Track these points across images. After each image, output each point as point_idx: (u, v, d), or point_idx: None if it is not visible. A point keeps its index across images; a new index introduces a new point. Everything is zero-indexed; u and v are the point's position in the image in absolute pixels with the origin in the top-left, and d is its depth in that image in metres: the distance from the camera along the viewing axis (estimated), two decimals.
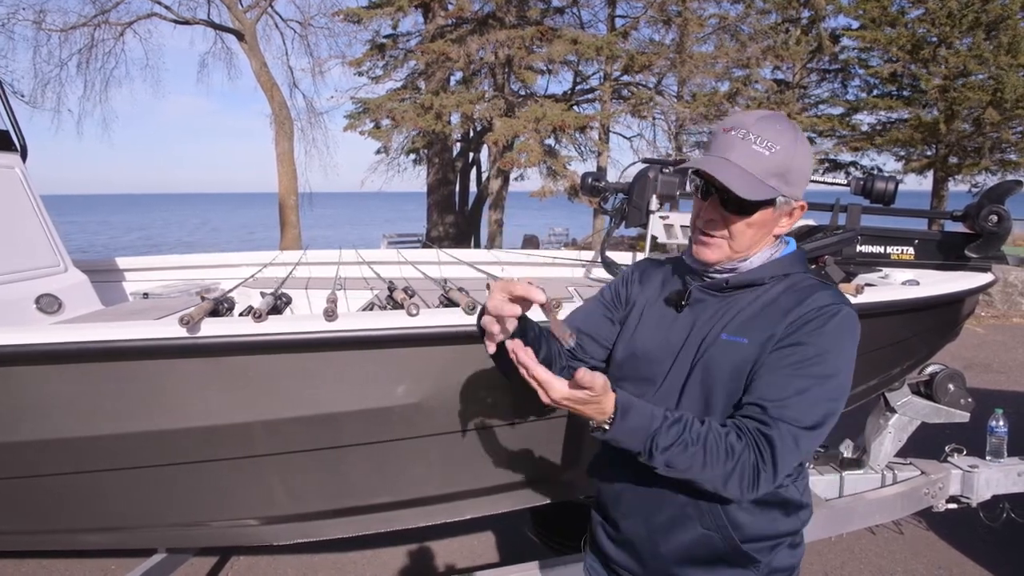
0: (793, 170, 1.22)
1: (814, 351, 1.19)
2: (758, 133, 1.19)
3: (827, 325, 1.20)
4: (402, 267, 3.63)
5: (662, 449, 1.15)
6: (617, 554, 1.42)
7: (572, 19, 16.67)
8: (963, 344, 7.62)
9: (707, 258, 1.30)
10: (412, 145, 17.41)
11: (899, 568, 3.27)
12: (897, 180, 2.69)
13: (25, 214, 2.78)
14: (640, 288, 1.47)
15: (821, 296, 1.24)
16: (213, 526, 2.34)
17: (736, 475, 1.15)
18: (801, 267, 1.32)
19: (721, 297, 1.31)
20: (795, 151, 1.21)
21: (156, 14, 16.79)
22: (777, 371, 1.20)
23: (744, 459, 1.15)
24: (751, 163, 1.20)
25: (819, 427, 1.19)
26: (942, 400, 3.08)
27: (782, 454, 1.16)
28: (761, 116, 1.22)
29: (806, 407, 1.18)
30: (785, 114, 1.26)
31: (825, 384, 1.19)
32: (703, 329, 1.30)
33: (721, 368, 1.25)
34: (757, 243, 1.29)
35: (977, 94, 15.46)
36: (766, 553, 1.31)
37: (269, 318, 1.87)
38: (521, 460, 2.20)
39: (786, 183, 1.22)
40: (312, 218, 22.42)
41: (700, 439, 1.15)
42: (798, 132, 1.23)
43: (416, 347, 1.91)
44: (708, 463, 1.15)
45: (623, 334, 1.44)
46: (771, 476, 1.16)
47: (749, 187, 1.18)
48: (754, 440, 1.16)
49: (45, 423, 1.96)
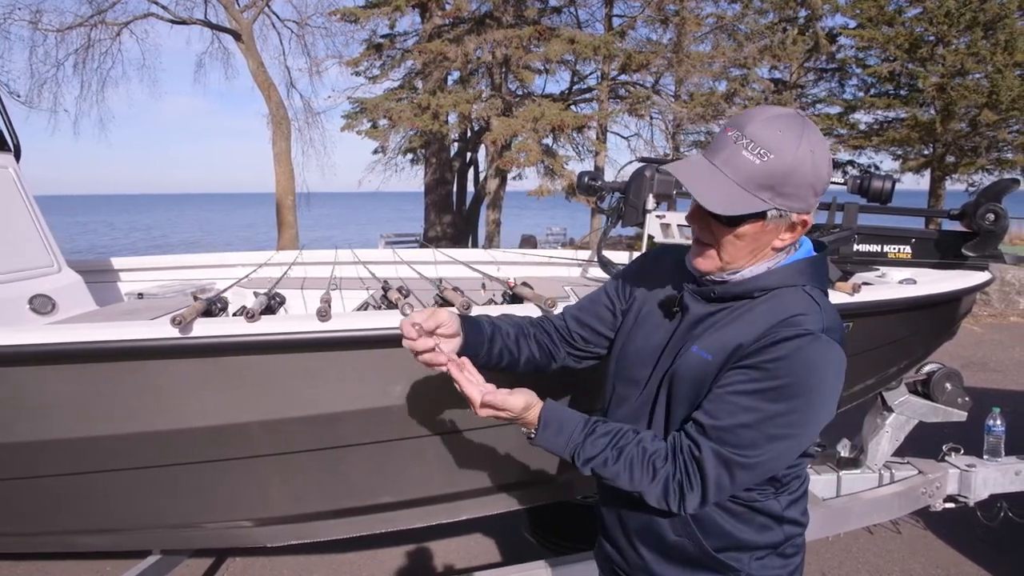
0: (790, 181, 1.08)
1: (773, 380, 1.09)
2: (753, 137, 1.08)
3: (795, 352, 1.09)
4: (398, 267, 3.61)
5: (584, 460, 1.21)
6: (612, 552, 1.44)
7: (569, 18, 16.70)
8: (960, 343, 7.63)
9: (700, 267, 1.23)
10: (409, 145, 17.43)
11: (896, 568, 3.27)
12: (894, 179, 2.68)
13: (18, 214, 2.76)
14: (644, 282, 1.42)
15: (801, 318, 1.12)
16: (208, 527, 2.33)
17: (658, 492, 1.17)
18: (805, 278, 1.19)
19: (708, 306, 1.24)
20: (795, 159, 1.07)
21: (153, 14, 16.77)
22: (728, 392, 1.12)
23: (668, 479, 1.16)
24: (736, 170, 1.09)
25: (760, 460, 1.13)
26: (939, 399, 3.08)
27: (712, 481, 1.13)
28: (767, 116, 1.10)
29: (748, 437, 1.10)
30: (802, 115, 1.13)
31: (778, 418, 1.10)
32: (683, 338, 1.25)
33: (683, 381, 1.21)
34: (752, 256, 1.18)
35: (973, 94, 15.49)
36: (746, 563, 1.28)
37: (262, 318, 1.86)
38: (518, 461, 2.19)
39: (779, 195, 1.09)
40: (310, 218, 22.41)
41: (623, 457, 1.19)
42: (806, 136, 1.08)
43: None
44: (630, 480, 1.18)
45: (621, 330, 1.43)
46: (698, 499, 1.15)
47: (725, 200, 1.09)
48: (684, 461, 1.15)
49: (39, 424, 1.94)
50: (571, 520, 2.97)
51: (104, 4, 16.26)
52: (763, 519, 1.28)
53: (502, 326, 1.42)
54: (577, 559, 2.52)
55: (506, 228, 18.78)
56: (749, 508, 1.26)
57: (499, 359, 1.41)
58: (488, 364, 1.38)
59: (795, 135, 1.08)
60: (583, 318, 1.48)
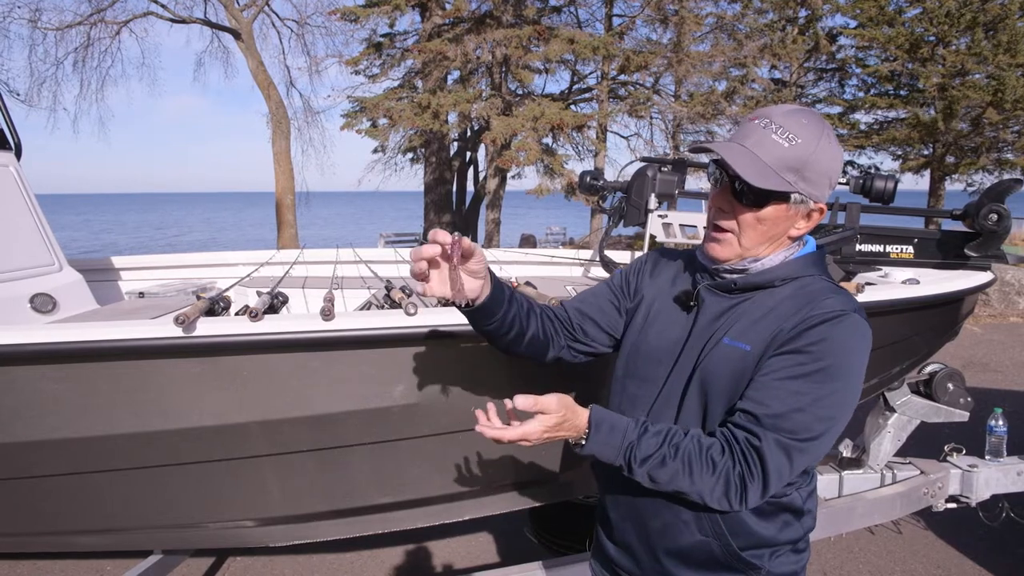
0: (813, 167, 1.15)
1: (817, 361, 1.13)
2: (780, 124, 1.15)
3: (833, 333, 1.13)
4: (399, 266, 3.61)
5: (640, 461, 1.15)
6: (617, 555, 1.42)
7: (569, 18, 16.70)
8: (961, 343, 7.63)
9: (717, 255, 1.23)
10: (409, 144, 17.43)
11: (898, 568, 3.26)
12: (896, 179, 2.68)
13: (19, 213, 2.76)
14: (650, 281, 1.42)
15: (830, 301, 1.17)
16: (208, 527, 2.32)
17: (720, 489, 1.14)
18: (816, 269, 1.25)
19: (728, 298, 1.25)
20: (818, 147, 1.15)
21: (152, 13, 16.76)
22: (775, 379, 1.14)
23: (728, 473, 1.13)
24: (766, 152, 1.14)
25: (815, 442, 1.14)
26: (941, 399, 3.07)
27: (772, 469, 1.12)
28: (790, 109, 1.18)
29: (802, 422, 1.12)
30: (818, 113, 1.21)
31: (825, 399, 1.13)
32: (706, 332, 1.25)
33: (720, 375, 1.21)
34: (770, 243, 1.22)
35: (977, 94, 15.49)
36: (766, 559, 1.29)
37: (265, 317, 1.85)
38: (519, 461, 2.19)
39: (803, 179, 1.15)
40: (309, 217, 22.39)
41: (680, 453, 1.14)
42: (826, 129, 1.17)
43: (414, 347, 1.90)
44: (689, 478, 1.13)
45: (631, 328, 1.40)
46: (759, 490, 1.14)
47: (759, 174, 1.13)
48: (743, 452, 1.13)
49: (40, 424, 1.93)
50: (572, 520, 2.97)
51: (104, 3, 16.25)
52: (786, 515, 1.29)
53: (518, 295, 1.36)
54: (579, 559, 2.51)
55: (506, 227, 18.78)
56: (776, 502, 1.27)
57: (509, 327, 1.33)
58: (499, 330, 1.31)
59: (817, 127, 1.16)
60: (586, 310, 1.45)
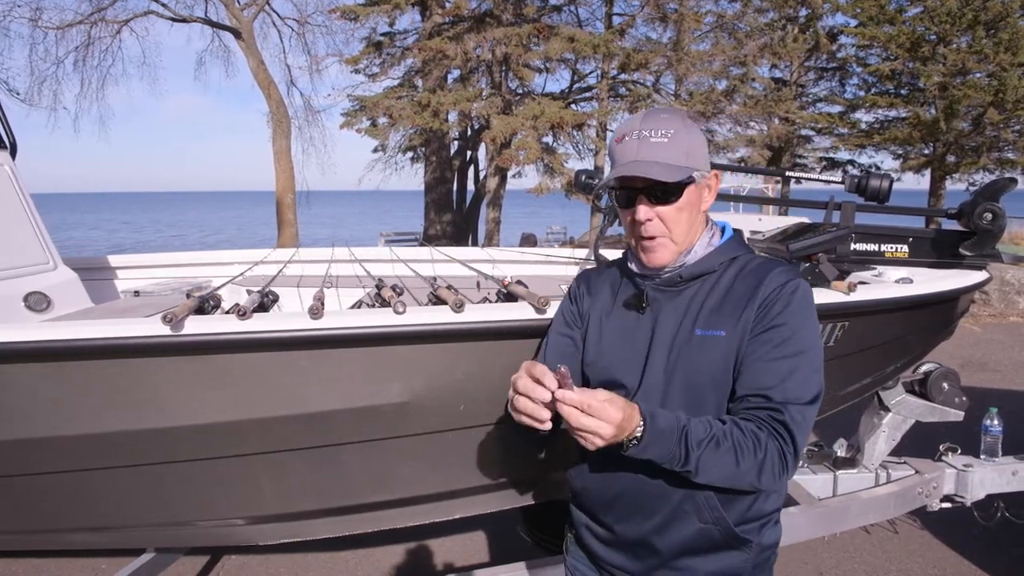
0: (693, 147, 1.28)
1: (789, 330, 1.25)
2: (649, 128, 1.26)
3: (792, 302, 1.26)
4: (394, 265, 3.61)
5: (696, 444, 1.15)
6: (610, 555, 1.42)
7: (569, 17, 16.71)
8: (959, 343, 7.62)
9: (659, 261, 1.32)
10: (409, 143, 17.45)
11: (893, 567, 3.26)
12: (892, 178, 2.67)
13: (14, 211, 2.76)
14: (591, 299, 1.48)
15: (776, 275, 1.29)
16: (201, 526, 2.32)
17: (768, 464, 1.19)
18: (744, 249, 1.38)
19: (675, 292, 1.34)
20: (687, 131, 1.28)
21: (153, 12, 16.82)
22: (763, 358, 1.24)
23: (770, 448, 1.20)
24: (659, 153, 1.25)
25: (818, 398, 1.26)
26: (936, 399, 3.07)
27: (798, 434, 1.22)
28: (643, 115, 1.31)
29: (801, 384, 1.23)
30: (657, 107, 1.31)
31: (807, 357, 1.26)
32: (670, 328, 1.31)
33: (700, 364, 1.27)
34: (694, 227, 1.33)
35: (978, 93, 15.46)
36: (756, 533, 1.34)
37: (254, 316, 1.84)
38: (511, 459, 2.19)
39: (692, 159, 1.28)
40: (309, 216, 22.38)
41: (729, 435, 1.18)
42: (682, 115, 1.32)
43: (403, 345, 1.90)
44: (740, 458, 1.18)
45: (588, 345, 1.44)
46: (794, 457, 1.22)
47: (668, 172, 1.24)
48: (772, 428, 1.21)
49: (33, 422, 1.94)
50: (565, 518, 2.96)
51: (104, 2, 16.30)
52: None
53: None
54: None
55: (506, 227, 18.78)
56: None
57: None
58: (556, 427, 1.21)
59: (674, 116, 1.31)
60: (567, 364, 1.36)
